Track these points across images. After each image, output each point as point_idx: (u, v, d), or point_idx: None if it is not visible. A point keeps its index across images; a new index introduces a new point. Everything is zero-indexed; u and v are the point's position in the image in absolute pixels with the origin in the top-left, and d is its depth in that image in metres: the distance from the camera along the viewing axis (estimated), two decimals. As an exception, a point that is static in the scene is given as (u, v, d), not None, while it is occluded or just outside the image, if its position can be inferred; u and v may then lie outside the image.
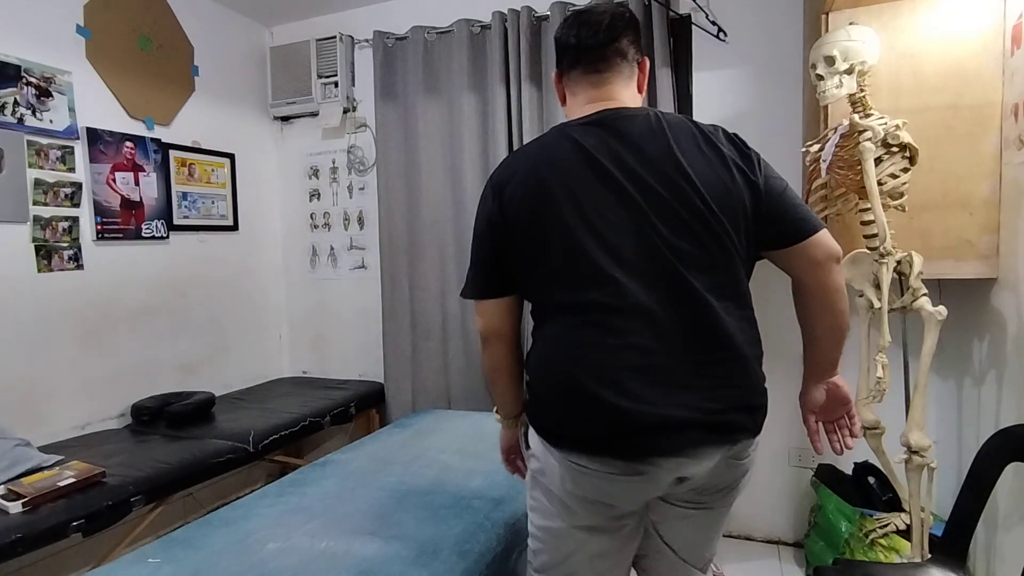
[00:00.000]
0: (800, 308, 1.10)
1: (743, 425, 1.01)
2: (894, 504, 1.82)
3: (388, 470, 1.82)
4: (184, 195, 2.73)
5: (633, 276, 0.98)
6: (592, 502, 1.04)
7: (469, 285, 1.19)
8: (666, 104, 2.35)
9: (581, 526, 1.07)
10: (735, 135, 1.10)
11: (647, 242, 0.98)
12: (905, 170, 1.61)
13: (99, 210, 2.35)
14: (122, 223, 2.45)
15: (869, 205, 1.60)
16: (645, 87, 1.18)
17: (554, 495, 1.08)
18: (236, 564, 1.32)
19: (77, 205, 2.28)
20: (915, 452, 1.59)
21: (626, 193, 0.99)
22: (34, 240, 2.15)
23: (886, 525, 1.73)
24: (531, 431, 1.12)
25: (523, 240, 1.05)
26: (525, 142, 2.57)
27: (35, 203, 2.14)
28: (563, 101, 1.23)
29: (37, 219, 2.15)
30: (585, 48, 1.10)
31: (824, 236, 1.04)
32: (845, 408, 1.17)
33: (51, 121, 2.19)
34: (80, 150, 2.29)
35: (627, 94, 1.12)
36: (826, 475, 2.12)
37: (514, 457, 1.32)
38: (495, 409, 1.29)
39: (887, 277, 1.62)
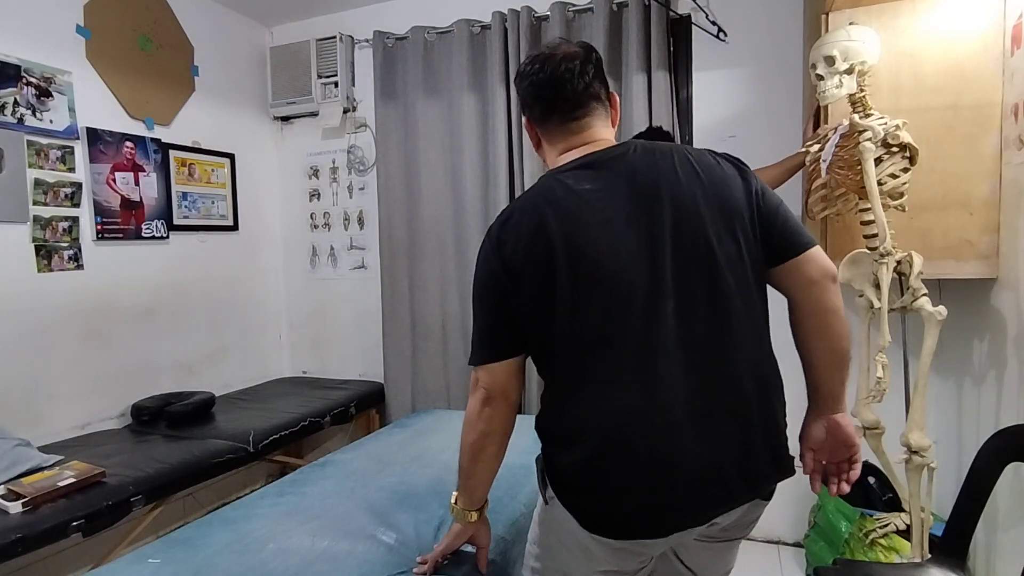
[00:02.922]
0: (796, 333, 1.05)
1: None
2: (894, 504, 1.82)
3: (388, 470, 1.82)
4: (184, 195, 2.73)
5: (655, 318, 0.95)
6: (618, 550, 1.00)
7: (476, 347, 1.05)
8: (664, 105, 2.35)
9: (603, 571, 1.03)
10: (726, 154, 1.08)
11: (659, 276, 0.94)
12: (905, 170, 1.61)
13: (99, 210, 2.35)
14: (122, 223, 2.45)
15: (869, 205, 1.60)
16: (618, 120, 1.15)
17: (574, 541, 1.01)
18: (236, 564, 1.31)
19: (77, 205, 2.28)
20: (915, 452, 1.59)
21: (629, 232, 0.96)
22: (34, 240, 2.15)
23: (886, 525, 1.73)
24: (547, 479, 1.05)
25: (532, 295, 0.98)
26: (525, 142, 2.58)
27: (35, 203, 2.14)
28: (537, 147, 1.16)
29: (37, 219, 2.15)
30: (560, 99, 1.05)
31: (818, 253, 1.00)
32: (848, 451, 1.08)
33: (51, 121, 2.19)
34: (80, 150, 2.29)
35: (607, 133, 1.09)
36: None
37: (446, 562, 1.21)
38: (454, 499, 1.16)
39: (887, 277, 1.62)
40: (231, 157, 2.96)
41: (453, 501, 1.16)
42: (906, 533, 1.68)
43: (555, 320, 0.96)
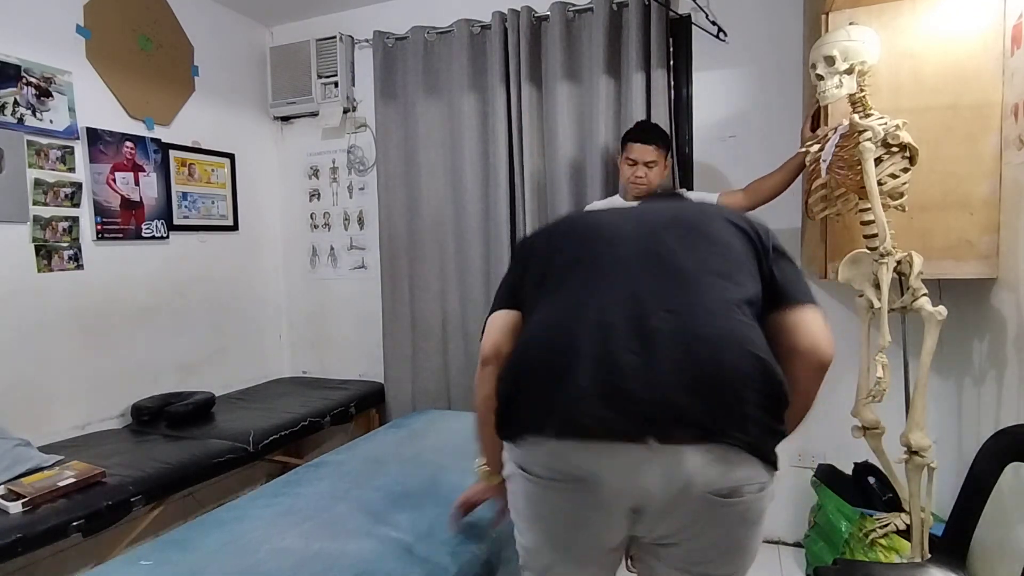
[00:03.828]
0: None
1: None
2: (894, 504, 1.82)
3: (383, 470, 1.82)
4: (184, 195, 2.73)
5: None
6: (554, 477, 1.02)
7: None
8: (662, 105, 2.34)
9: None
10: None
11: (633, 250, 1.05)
12: (905, 170, 1.61)
13: (99, 210, 2.35)
14: (122, 223, 2.45)
15: (869, 205, 1.60)
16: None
17: (521, 495, 1.08)
18: (231, 565, 1.31)
19: (77, 205, 2.28)
20: (915, 452, 1.59)
21: (629, 211, 1.14)
22: (34, 240, 2.15)
23: (886, 525, 1.73)
24: None
25: (533, 257, 1.13)
26: (524, 142, 2.59)
27: (35, 203, 2.14)
28: None
29: (37, 219, 2.15)
30: None
31: (811, 315, 0.98)
32: None
33: (51, 121, 2.19)
34: (80, 150, 2.29)
35: None
36: (826, 475, 2.12)
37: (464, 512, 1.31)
38: (479, 461, 1.23)
39: (887, 277, 1.62)
40: (231, 157, 2.96)
41: (478, 464, 1.23)
42: (906, 533, 1.68)
43: (540, 263, 1.10)
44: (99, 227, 2.35)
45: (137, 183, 2.51)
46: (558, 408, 0.91)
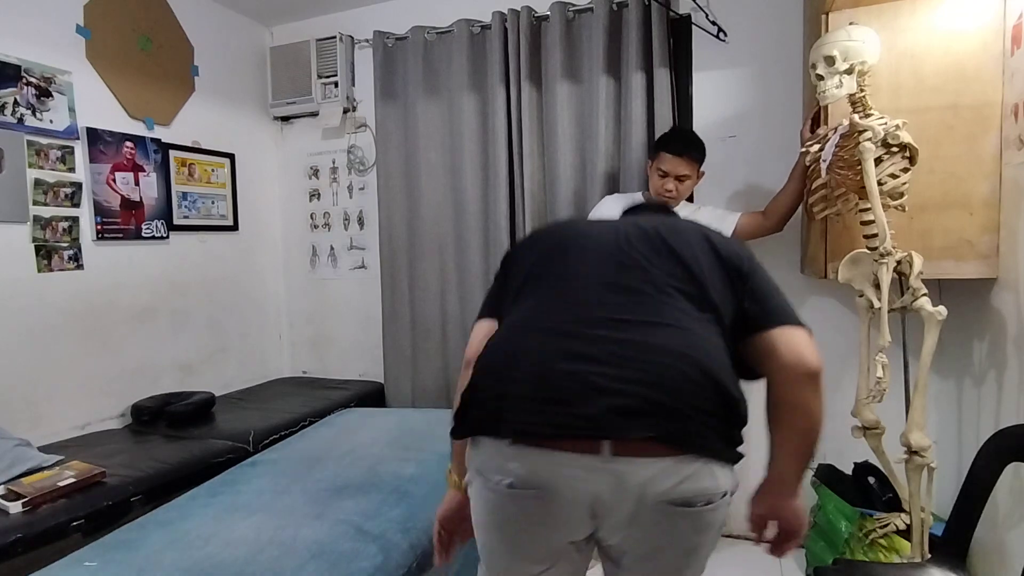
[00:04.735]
0: (766, 411, 1.00)
1: None
2: (894, 504, 1.82)
3: (321, 465, 1.82)
4: (184, 195, 2.73)
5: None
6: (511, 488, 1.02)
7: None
8: (664, 105, 2.35)
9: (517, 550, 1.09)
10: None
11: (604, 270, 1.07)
12: (905, 170, 1.61)
13: (99, 210, 2.35)
14: (122, 223, 2.45)
15: (869, 205, 1.60)
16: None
17: (479, 503, 1.08)
18: (182, 559, 1.30)
19: (77, 205, 2.28)
20: (915, 452, 1.59)
21: (612, 224, 1.15)
22: (34, 240, 2.15)
23: (886, 525, 1.73)
24: None
25: (513, 269, 1.16)
26: (525, 142, 2.58)
27: (35, 203, 2.14)
28: None
29: (37, 219, 2.15)
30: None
31: (793, 335, 0.95)
32: (789, 533, 1.08)
33: (51, 121, 2.19)
34: (80, 150, 2.29)
35: None
36: (826, 475, 2.12)
37: (444, 532, 1.16)
38: (448, 470, 1.16)
39: (887, 277, 1.62)
40: (231, 157, 2.96)
41: (448, 471, 1.17)
42: (906, 533, 1.68)
43: (518, 275, 1.12)
44: (99, 227, 2.35)
45: (137, 183, 2.51)
46: (508, 412, 0.92)
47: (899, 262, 1.64)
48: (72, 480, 1.73)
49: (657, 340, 0.91)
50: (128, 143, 2.47)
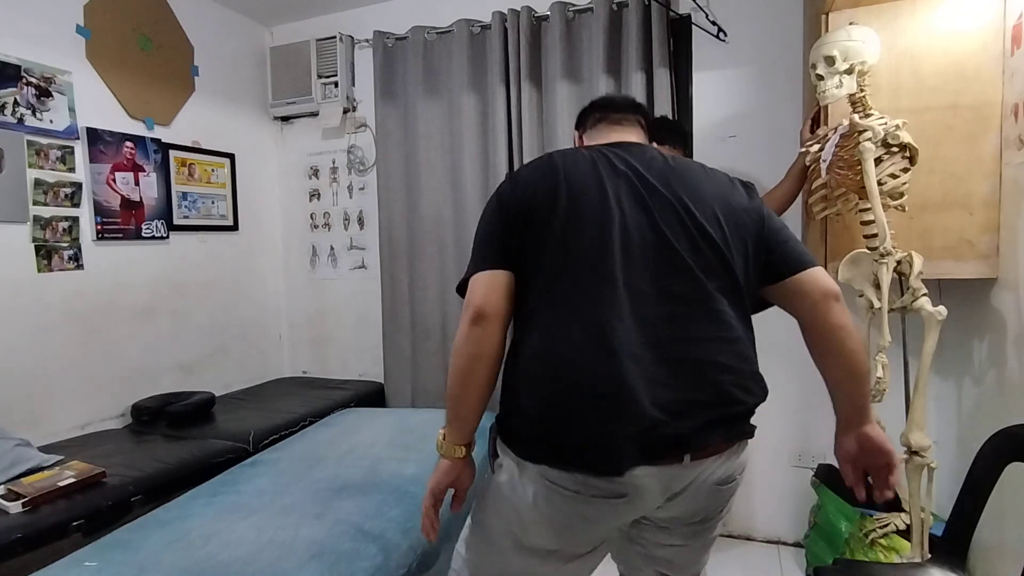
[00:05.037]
0: (810, 352, 1.08)
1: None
2: (894, 504, 1.82)
3: (321, 465, 1.83)
4: (184, 195, 2.73)
5: (636, 277, 1.01)
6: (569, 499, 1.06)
7: (473, 262, 1.10)
8: (664, 105, 2.35)
9: (533, 547, 1.10)
10: (738, 178, 1.18)
11: (661, 244, 1.02)
12: (905, 170, 1.61)
13: (99, 210, 2.35)
14: (122, 223, 2.45)
15: (869, 205, 1.60)
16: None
17: (512, 506, 1.06)
18: (182, 559, 1.30)
19: (77, 205, 2.28)
20: (915, 452, 1.59)
21: (640, 196, 1.04)
22: (34, 240, 2.15)
23: (886, 525, 1.73)
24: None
25: (535, 217, 1.05)
26: (524, 142, 2.58)
27: (35, 203, 2.14)
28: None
29: (37, 219, 2.15)
30: (611, 107, 1.26)
31: (817, 273, 1.05)
32: (884, 458, 1.09)
33: (51, 121, 2.19)
34: (80, 150, 2.29)
35: (640, 139, 1.23)
36: (826, 475, 2.12)
37: (438, 503, 1.11)
38: (441, 436, 1.10)
39: (887, 277, 1.62)
40: (231, 157, 2.96)
41: (441, 438, 1.10)
42: (906, 533, 1.68)
43: (547, 243, 1.03)
44: (99, 227, 2.35)
45: (137, 183, 2.51)
46: (604, 449, 0.96)
47: (899, 262, 1.64)
48: (72, 480, 1.73)
49: (718, 359, 1.00)
50: (128, 143, 2.47)
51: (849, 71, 1.62)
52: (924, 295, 1.61)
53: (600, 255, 1.00)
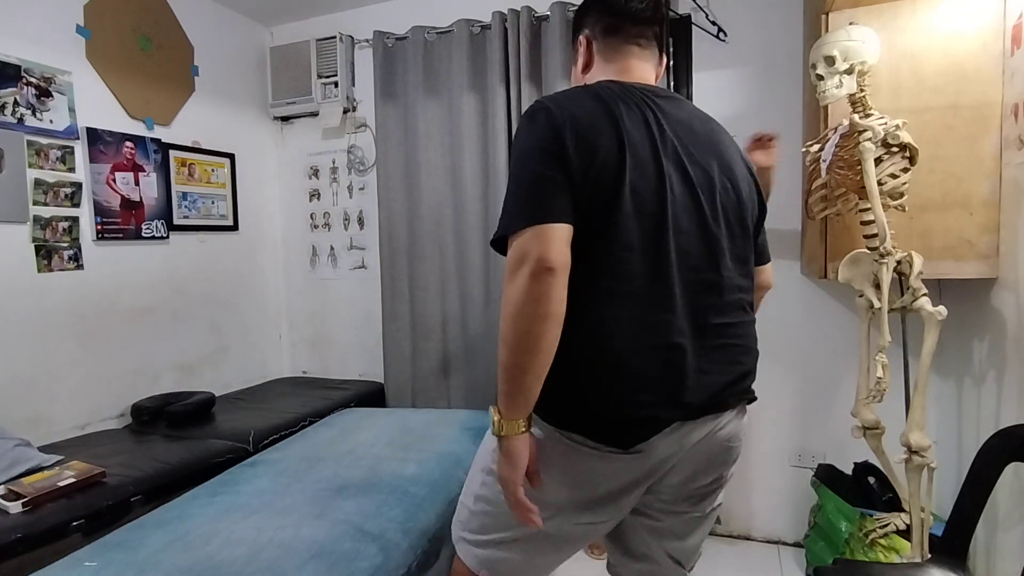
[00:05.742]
0: None
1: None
2: (894, 504, 1.82)
3: (321, 465, 1.83)
4: (184, 195, 2.73)
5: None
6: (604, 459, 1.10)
7: (523, 210, 0.92)
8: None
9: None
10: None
11: (699, 215, 1.04)
12: (905, 170, 1.61)
13: (99, 210, 2.35)
14: (122, 223, 2.45)
15: (869, 205, 1.60)
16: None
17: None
18: (182, 559, 1.30)
19: (77, 205, 2.28)
20: (915, 452, 1.59)
21: (687, 176, 1.03)
22: (34, 240, 2.15)
23: (886, 525, 1.73)
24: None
25: (605, 187, 0.93)
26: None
27: (35, 203, 2.14)
28: (587, 67, 1.15)
29: (37, 219, 2.15)
30: (629, 15, 1.09)
31: (770, 267, 1.26)
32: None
33: (51, 121, 2.19)
34: (80, 150, 2.29)
35: (655, 80, 1.17)
36: (826, 475, 2.12)
37: (521, 489, 0.98)
38: (498, 416, 0.97)
39: (887, 277, 1.62)
40: (231, 157, 2.96)
41: (497, 416, 0.97)
42: (906, 533, 1.68)
43: (614, 215, 0.94)
44: (99, 227, 2.35)
45: (137, 183, 2.51)
46: (638, 433, 0.99)
47: (899, 262, 1.64)
48: (72, 480, 1.73)
49: (744, 343, 1.10)
50: (128, 143, 2.47)
51: (849, 71, 1.62)
52: (924, 295, 1.61)
53: (656, 242, 0.96)
